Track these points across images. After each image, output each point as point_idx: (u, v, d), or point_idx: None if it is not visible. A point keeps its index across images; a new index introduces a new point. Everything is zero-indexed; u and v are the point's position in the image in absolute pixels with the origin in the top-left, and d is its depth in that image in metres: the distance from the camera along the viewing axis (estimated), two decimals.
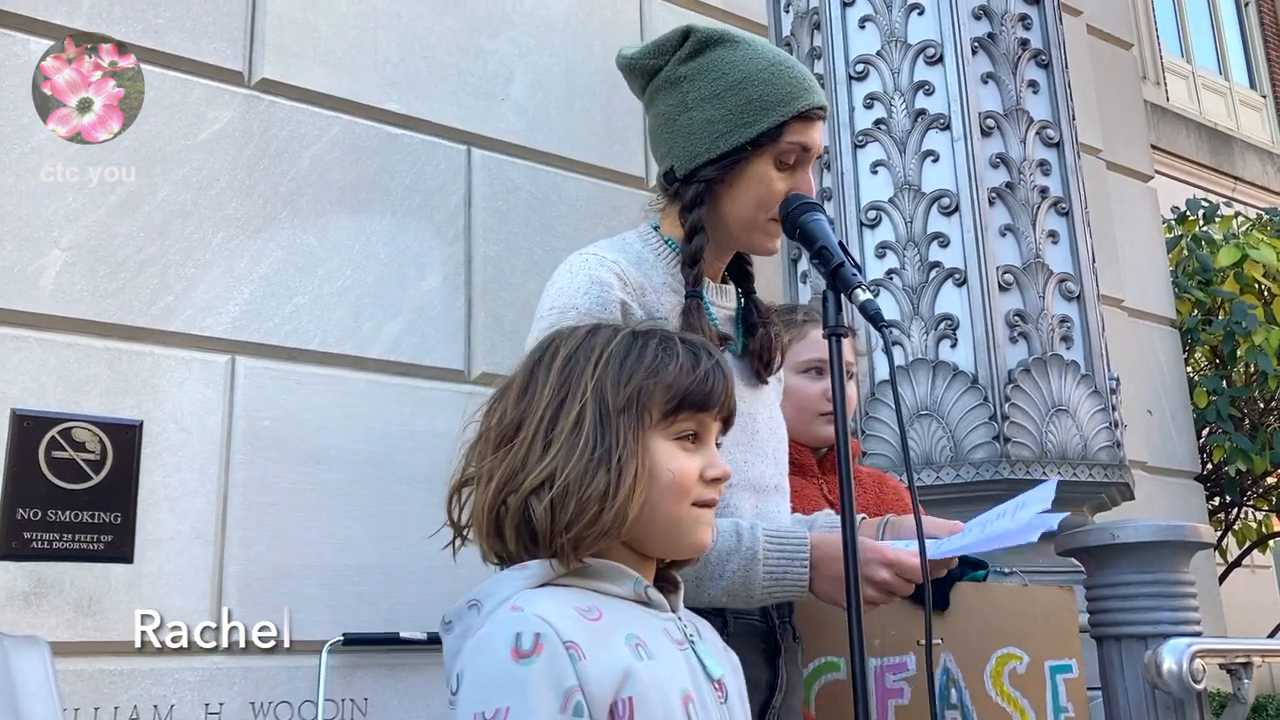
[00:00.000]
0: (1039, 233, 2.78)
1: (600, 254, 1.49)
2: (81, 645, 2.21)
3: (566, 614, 1.03)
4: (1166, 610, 2.04)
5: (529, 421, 1.12)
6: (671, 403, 1.12)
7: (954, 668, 1.60)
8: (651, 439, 1.12)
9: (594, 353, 1.14)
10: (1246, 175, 8.09)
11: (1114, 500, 2.84)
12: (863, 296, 1.35)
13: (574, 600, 1.06)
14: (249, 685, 2.37)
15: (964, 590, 1.66)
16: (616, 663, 1.02)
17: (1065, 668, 1.63)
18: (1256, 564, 6.74)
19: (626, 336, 1.16)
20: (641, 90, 1.62)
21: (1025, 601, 1.69)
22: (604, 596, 1.10)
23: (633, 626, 1.08)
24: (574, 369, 1.13)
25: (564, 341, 1.17)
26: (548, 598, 1.06)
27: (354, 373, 2.66)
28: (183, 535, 2.36)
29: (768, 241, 1.56)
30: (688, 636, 1.15)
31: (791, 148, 1.50)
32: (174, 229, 2.49)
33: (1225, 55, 8.89)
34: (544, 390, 1.13)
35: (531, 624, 1.00)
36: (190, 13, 2.62)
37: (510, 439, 1.12)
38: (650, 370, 1.12)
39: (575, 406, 1.10)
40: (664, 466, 1.11)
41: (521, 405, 1.14)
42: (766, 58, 1.53)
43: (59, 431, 2.26)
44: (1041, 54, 2.94)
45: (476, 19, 3.08)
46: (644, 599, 1.13)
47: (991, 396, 2.61)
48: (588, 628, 1.03)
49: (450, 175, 2.93)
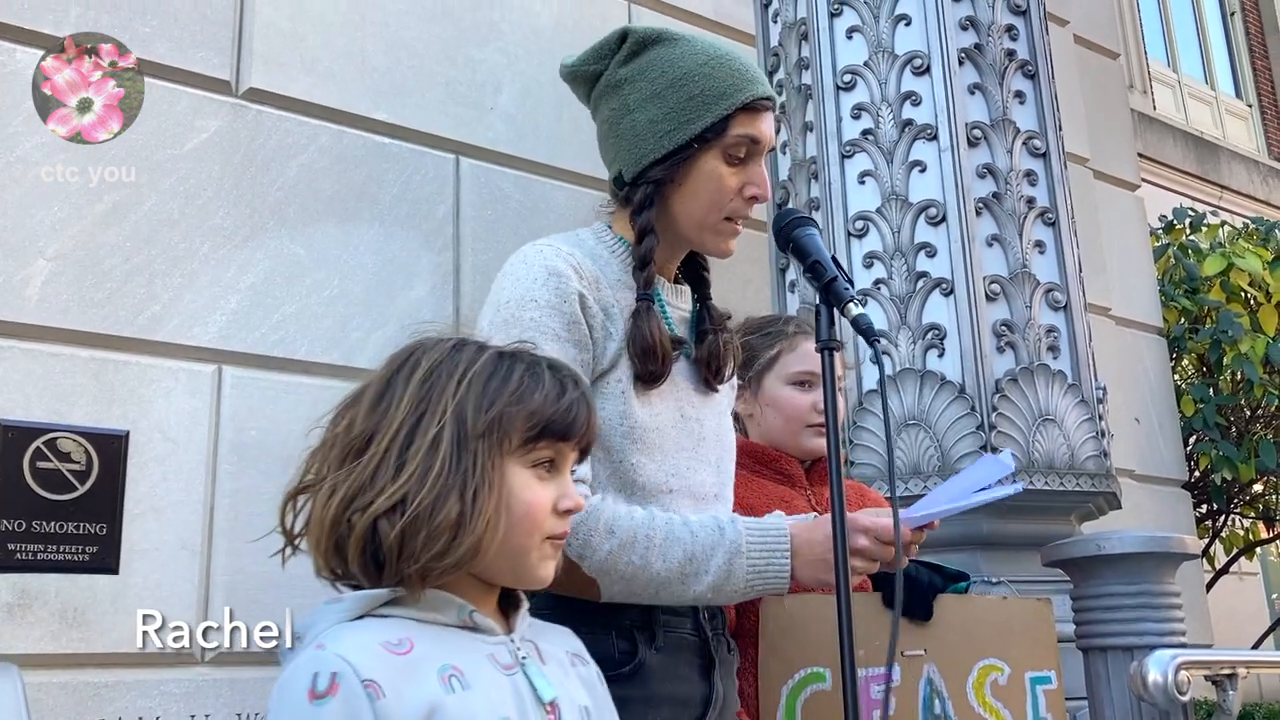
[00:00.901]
0: (1026, 243, 2.79)
1: (555, 245, 1.47)
2: (66, 657, 2.20)
3: (371, 650, 1.00)
4: (1152, 621, 2.05)
5: (381, 435, 1.07)
6: (533, 430, 1.09)
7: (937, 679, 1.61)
8: (508, 465, 1.08)
9: (457, 370, 1.10)
10: (1233, 184, 8.13)
11: (1101, 509, 2.84)
12: (855, 311, 1.34)
13: (384, 633, 1.03)
14: (235, 696, 2.36)
15: (946, 602, 1.67)
16: (422, 698, 0.99)
17: (1045, 679, 1.65)
18: (1244, 571, 6.77)
19: (492, 357, 1.12)
20: (586, 97, 1.61)
21: (1005, 613, 1.71)
22: (422, 625, 1.06)
23: (449, 656, 1.04)
24: (435, 384, 1.09)
25: (426, 353, 1.12)
26: (356, 633, 1.03)
27: (341, 382, 2.64)
28: (169, 546, 2.35)
29: (721, 242, 1.53)
30: (519, 659, 1.11)
31: (739, 140, 1.48)
32: (161, 238, 2.49)
33: (1211, 64, 8.94)
34: (400, 404, 1.09)
35: (329, 663, 0.98)
36: (178, 22, 2.61)
37: (360, 451, 1.08)
38: (514, 396, 1.09)
39: (433, 426, 1.06)
40: (518, 496, 1.08)
41: (374, 416, 1.09)
42: (706, 52, 1.50)
43: (44, 442, 2.24)
44: (1028, 64, 2.95)
45: (465, 28, 3.09)
46: (470, 624, 1.09)
47: (979, 406, 2.62)
48: (392, 663, 1.00)
49: (438, 184, 2.93)
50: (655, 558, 1.38)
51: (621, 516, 1.38)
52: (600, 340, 1.44)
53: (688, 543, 1.39)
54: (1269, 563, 7.87)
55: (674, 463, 1.48)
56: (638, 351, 1.44)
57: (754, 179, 1.50)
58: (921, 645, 1.62)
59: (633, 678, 1.41)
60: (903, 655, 1.59)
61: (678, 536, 1.39)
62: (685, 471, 1.49)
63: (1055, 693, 1.64)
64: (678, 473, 1.48)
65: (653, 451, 1.46)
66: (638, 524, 1.38)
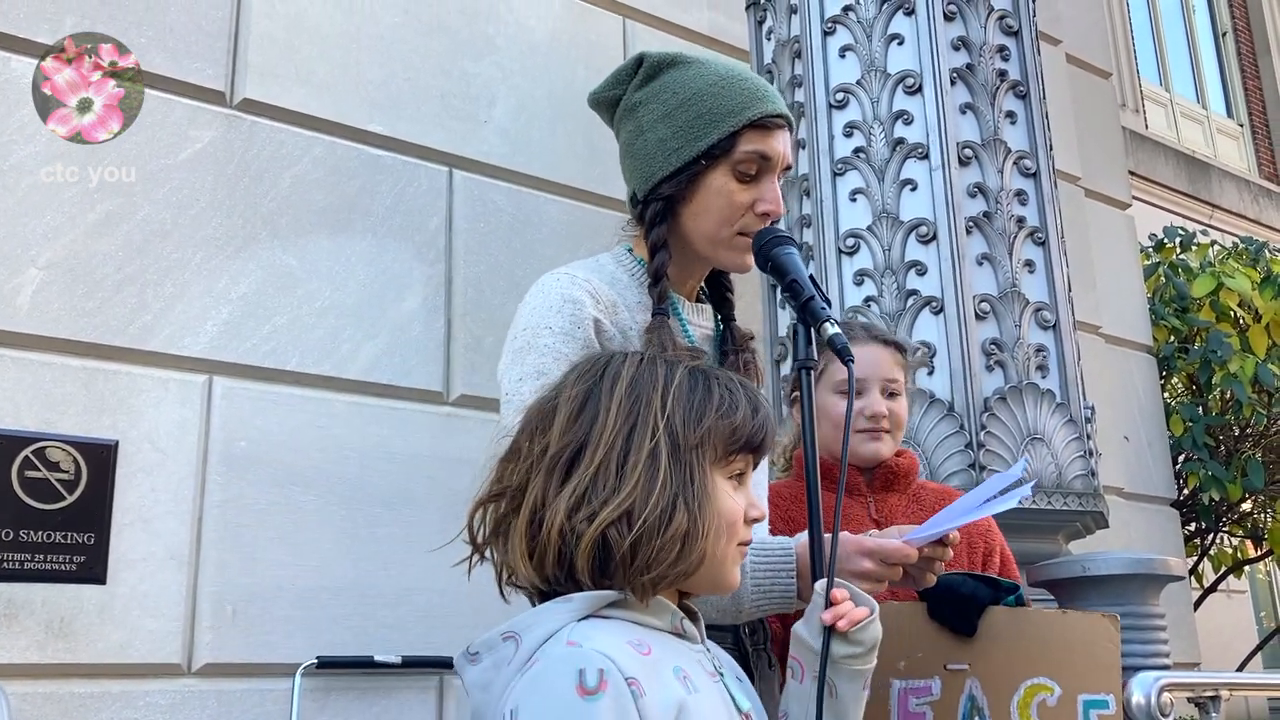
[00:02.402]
0: (1015, 262, 2.80)
1: (572, 273, 1.50)
2: (52, 667, 2.20)
3: (623, 649, 1.02)
4: (1137, 643, 2.05)
5: (593, 446, 1.10)
6: (735, 444, 1.13)
7: (979, 695, 1.53)
8: (713, 476, 1.12)
9: (659, 384, 1.13)
10: (1223, 203, 8.18)
11: (1088, 528, 2.85)
12: (830, 330, 1.36)
13: (624, 634, 1.06)
14: (221, 708, 2.36)
15: (997, 615, 1.60)
16: (671, 697, 1.02)
17: (1101, 703, 1.55)
18: (1232, 589, 6.78)
19: (686, 372, 1.16)
20: (610, 122, 1.64)
21: (1062, 629, 1.61)
22: (647, 630, 1.09)
23: (676, 660, 1.08)
24: (640, 397, 1.12)
25: (623, 365, 1.16)
26: (602, 632, 1.04)
27: (332, 394, 2.65)
28: (157, 556, 2.35)
29: (737, 257, 1.54)
30: (717, 669, 1.15)
31: (748, 157, 1.49)
32: (153, 248, 2.49)
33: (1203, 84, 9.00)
34: (609, 415, 1.11)
35: (594, 660, 0.99)
36: (173, 32, 2.62)
37: (571, 462, 1.10)
38: (720, 411, 1.13)
39: (648, 439, 1.09)
40: (722, 506, 1.12)
41: (580, 427, 1.12)
42: (718, 73, 1.52)
43: (33, 451, 2.24)
44: (1019, 85, 2.97)
45: (460, 42, 3.10)
46: (680, 631, 1.13)
47: (967, 424, 2.63)
48: (642, 662, 1.03)
49: (432, 197, 2.94)
50: None
51: None
52: None
53: None
54: (1257, 581, 7.89)
55: None
56: None
57: (765, 195, 1.50)
58: (966, 659, 1.55)
59: None
60: (946, 669, 1.54)
61: None
62: None
63: (1112, 718, 1.55)
64: None
65: None
66: None
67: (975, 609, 1.59)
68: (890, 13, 2.92)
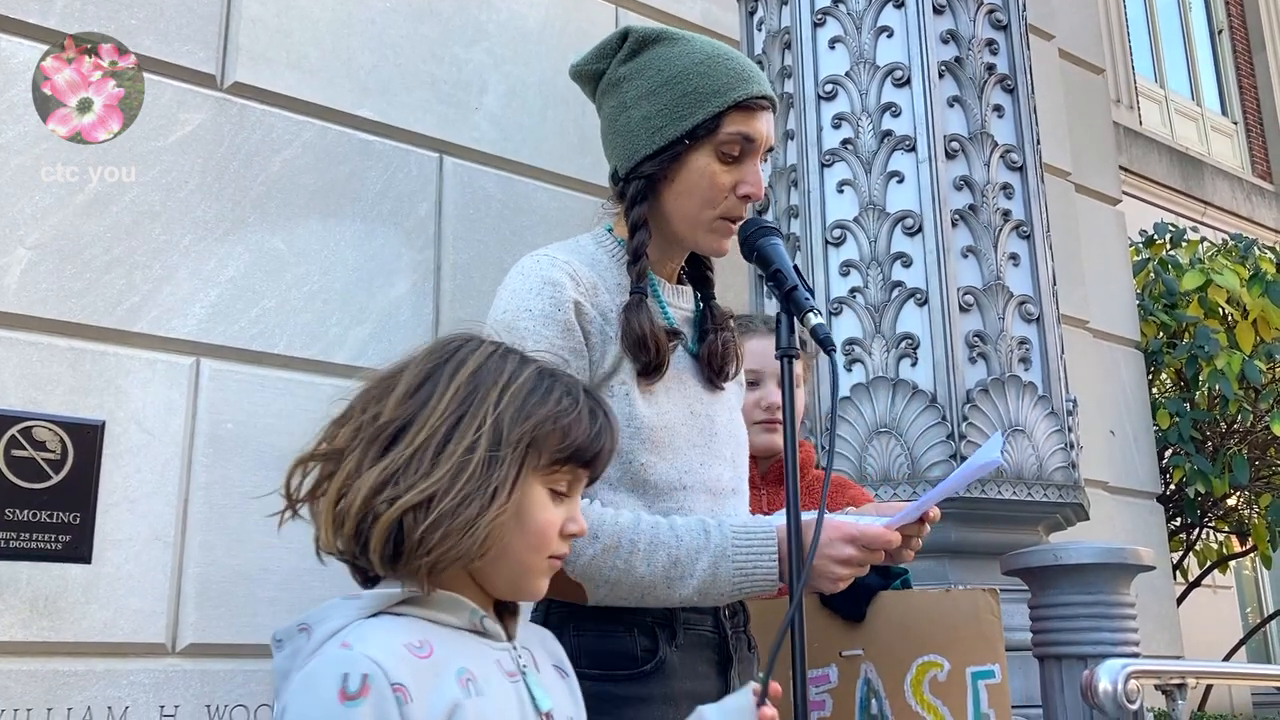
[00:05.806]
0: (1000, 255, 2.82)
1: (552, 255, 1.49)
2: (36, 645, 2.21)
3: (396, 652, 1.01)
4: (1106, 631, 2.08)
5: (417, 428, 1.08)
6: (562, 453, 1.11)
7: (874, 678, 1.60)
8: (530, 481, 1.10)
9: (501, 378, 1.11)
10: (1216, 200, 8.20)
11: (1069, 520, 2.88)
12: (814, 320, 1.37)
13: (405, 634, 1.04)
14: (205, 688, 2.38)
15: (885, 599, 1.65)
16: (443, 701, 1.01)
17: (987, 673, 1.61)
18: (1218, 584, 6.82)
19: (535, 372, 1.14)
20: (592, 96, 1.63)
21: (948, 607, 1.67)
22: (437, 627, 1.07)
23: (464, 660, 1.06)
24: (478, 388, 1.10)
25: (472, 354, 1.14)
26: (380, 632, 1.03)
27: (319, 377, 2.67)
28: (142, 537, 2.36)
29: (715, 241, 1.54)
30: (520, 667, 1.13)
31: (732, 138, 1.49)
32: (142, 230, 2.50)
33: (1198, 81, 9.01)
34: (441, 400, 1.10)
35: (359, 664, 0.98)
36: (164, 15, 2.63)
37: (391, 438, 1.09)
38: (552, 415, 1.11)
39: (471, 432, 1.08)
40: (534, 515, 1.10)
41: (410, 406, 1.10)
42: (705, 51, 1.52)
43: (19, 430, 2.26)
44: (1007, 79, 2.99)
45: (452, 28, 3.11)
46: (479, 629, 1.11)
47: (950, 415, 2.65)
48: (416, 666, 1.01)
49: (421, 182, 2.95)
50: (640, 562, 1.39)
51: (606, 522, 1.39)
52: (599, 345, 1.46)
53: (672, 547, 1.40)
54: (1243, 576, 7.94)
55: (686, 460, 1.49)
56: (630, 344, 1.46)
57: (747, 177, 1.50)
58: (859, 645, 1.61)
59: (654, 675, 1.43)
60: (841, 656, 1.59)
61: (662, 541, 1.40)
62: (699, 468, 1.50)
63: (999, 686, 1.60)
64: (691, 469, 1.49)
65: (663, 450, 1.47)
66: (621, 529, 1.39)
67: (865, 596, 1.63)
68: (880, 5, 2.93)
